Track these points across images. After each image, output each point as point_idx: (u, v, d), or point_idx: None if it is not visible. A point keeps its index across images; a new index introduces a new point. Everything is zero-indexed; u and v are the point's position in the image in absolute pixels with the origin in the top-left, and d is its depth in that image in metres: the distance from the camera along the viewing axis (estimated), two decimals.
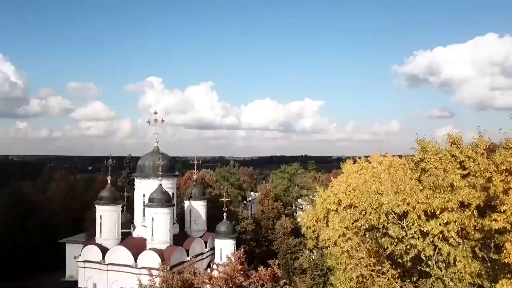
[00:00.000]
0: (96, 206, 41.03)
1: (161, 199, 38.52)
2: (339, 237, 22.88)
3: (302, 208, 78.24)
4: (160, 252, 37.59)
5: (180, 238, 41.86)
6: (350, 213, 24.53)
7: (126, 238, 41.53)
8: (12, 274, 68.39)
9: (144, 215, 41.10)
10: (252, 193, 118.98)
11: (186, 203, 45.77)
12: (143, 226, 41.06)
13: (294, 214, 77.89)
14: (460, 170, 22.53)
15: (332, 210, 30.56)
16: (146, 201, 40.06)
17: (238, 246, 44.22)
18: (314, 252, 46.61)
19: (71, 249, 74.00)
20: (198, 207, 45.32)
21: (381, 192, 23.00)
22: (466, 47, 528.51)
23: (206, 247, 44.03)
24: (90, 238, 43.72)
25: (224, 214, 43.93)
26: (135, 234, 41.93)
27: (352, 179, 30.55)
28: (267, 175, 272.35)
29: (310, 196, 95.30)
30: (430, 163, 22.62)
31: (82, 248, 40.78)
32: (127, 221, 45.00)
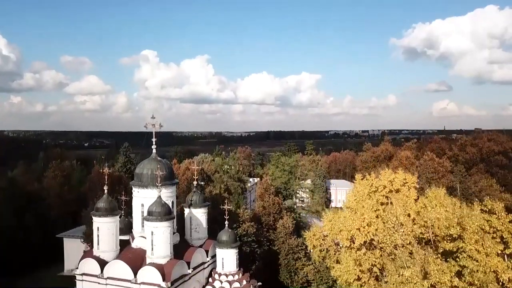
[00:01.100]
0: (93, 217, 39.35)
1: (161, 213, 36.88)
2: (353, 281, 21.42)
3: (303, 201, 77.57)
4: (160, 267, 36.34)
5: (180, 248, 40.55)
6: (366, 258, 23.00)
7: (125, 249, 40.14)
8: (10, 270, 67.75)
9: (143, 226, 39.61)
10: (251, 179, 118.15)
11: (186, 210, 44.28)
12: (142, 237, 39.66)
13: (295, 206, 77.12)
14: (500, 246, 20.13)
15: (345, 245, 29.05)
16: (145, 213, 38.52)
17: (239, 248, 43.28)
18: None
19: (69, 244, 73.45)
20: (199, 215, 43.86)
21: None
22: (465, 19, 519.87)
23: (207, 256, 42.87)
24: (88, 237, 42.24)
25: (226, 223, 42.65)
26: (134, 244, 40.54)
27: (365, 210, 28.83)
28: (264, 154, 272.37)
29: (308, 182, 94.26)
30: (470, 245, 19.76)
31: (80, 261, 39.46)
32: (125, 227, 43.63)
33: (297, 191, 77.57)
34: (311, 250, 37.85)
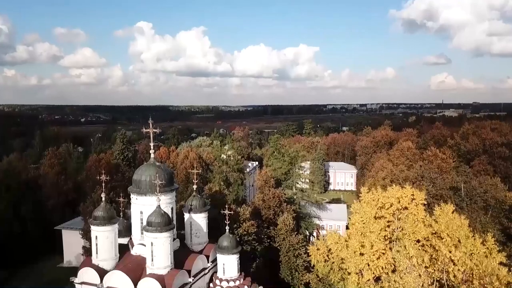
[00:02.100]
0: (91, 226, 38.35)
1: (161, 223, 35.89)
2: None
3: (303, 191, 76.87)
4: (161, 279, 35.72)
5: (181, 255, 39.83)
6: None
7: (124, 256, 39.43)
8: (8, 262, 67.51)
9: (142, 233, 38.75)
10: (250, 163, 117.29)
11: (186, 215, 43.33)
12: (142, 245, 38.91)
13: (295, 197, 76.50)
14: None
15: (353, 279, 28.20)
16: (144, 220, 37.63)
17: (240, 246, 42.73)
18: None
19: (67, 235, 73.04)
20: (199, 220, 42.97)
21: None
22: None
23: (208, 262, 42.30)
24: (86, 233, 41.05)
25: (227, 228, 41.88)
26: (134, 251, 39.83)
27: (374, 239, 27.78)
28: (263, 132, 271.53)
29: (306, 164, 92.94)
30: None
31: (78, 270, 38.79)
32: (124, 229, 42.87)
33: (297, 182, 76.69)
34: (315, 264, 37.21)
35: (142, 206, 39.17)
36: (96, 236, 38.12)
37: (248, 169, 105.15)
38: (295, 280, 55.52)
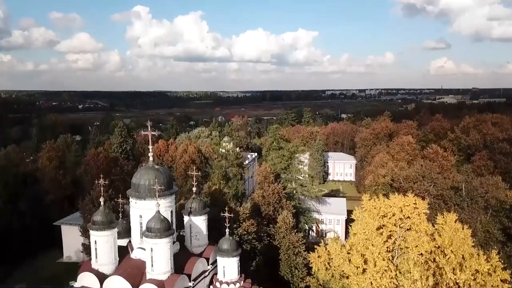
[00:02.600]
0: (90, 231, 37.98)
1: (160, 229, 35.53)
2: None
3: (302, 185, 76.66)
4: (161, 284, 35.59)
5: (181, 258, 39.62)
6: None
7: (124, 260, 39.19)
8: (7, 258, 67.51)
9: (141, 236, 38.48)
10: (249, 155, 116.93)
11: (186, 218, 42.98)
12: (141, 249, 38.68)
13: (294, 192, 76.29)
14: None
15: None
16: (144, 224, 37.31)
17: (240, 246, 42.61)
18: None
19: (66, 231, 72.94)
20: (199, 222, 42.64)
21: None
22: None
23: (208, 264, 42.14)
24: (85, 231, 40.65)
25: (227, 230, 41.64)
26: (133, 255, 39.59)
27: (376, 255, 27.43)
28: (261, 120, 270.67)
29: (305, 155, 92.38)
30: None
31: (78, 274, 38.60)
32: (123, 231, 42.59)
33: (297, 177, 76.40)
34: (316, 273, 37.00)
35: (142, 210, 38.81)
36: (96, 241, 37.81)
37: (247, 161, 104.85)
38: (294, 278, 55.63)
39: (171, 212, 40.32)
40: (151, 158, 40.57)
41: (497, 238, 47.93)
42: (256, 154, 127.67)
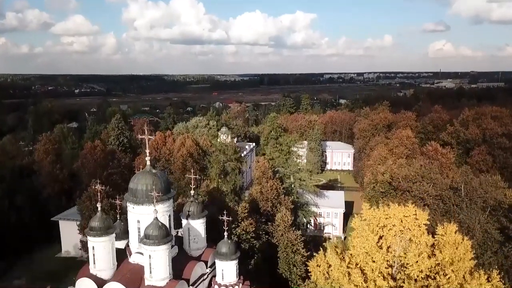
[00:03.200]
0: (88, 237, 37.68)
1: (158, 236, 35.25)
2: None
3: (300, 179, 76.58)
4: None
5: (179, 262, 39.49)
6: None
7: (122, 264, 39.06)
8: (6, 253, 67.57)
9: (139, 242, 38.28)
10: (246, 146, 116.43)
11: (184, 221, 42.72)
12: (139, 253, 38.52)
13: (293, 186, 76.23)
14: None
15: None
16: (141, 229, 37.08)
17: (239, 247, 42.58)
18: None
19: (64, 225, 72.89)
20: (197, 226, 42.42)
21: None
22: None
23: (207, 267, 42.15)
24: (83, 229, 40.45)
25: (225, 233, 41.49)
26: (132, 259, 39.47)
27: (377, 274, 27.18)
28: (259, 106, 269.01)
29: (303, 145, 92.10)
30: None
31: (76, 279, 38.48)
32: (121, 232, 42.46)
33: (296, 172, 76.21)
34: (315, 279, 36.95)
35: (139, 216, 38.49)
36: (93, 247, 37.56)
37: (245, 152, 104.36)
38: (293, 276, 55.95)
39: (169, 216, 40.04)
40: (148, 163, 40.02)
41: (495, 238, 48.07)
42: (254, 144, 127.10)
